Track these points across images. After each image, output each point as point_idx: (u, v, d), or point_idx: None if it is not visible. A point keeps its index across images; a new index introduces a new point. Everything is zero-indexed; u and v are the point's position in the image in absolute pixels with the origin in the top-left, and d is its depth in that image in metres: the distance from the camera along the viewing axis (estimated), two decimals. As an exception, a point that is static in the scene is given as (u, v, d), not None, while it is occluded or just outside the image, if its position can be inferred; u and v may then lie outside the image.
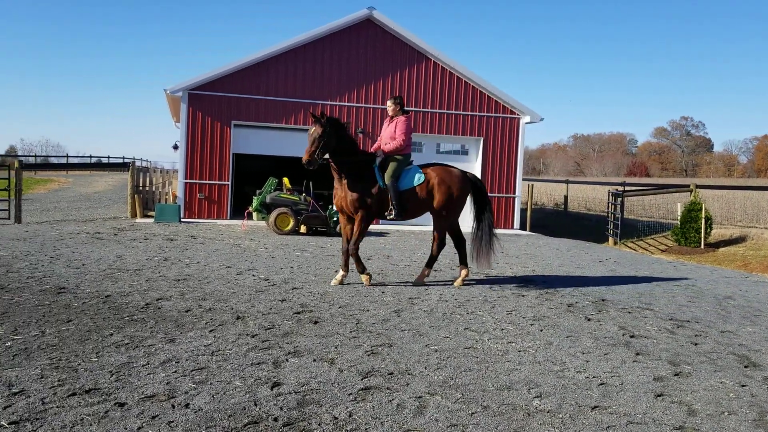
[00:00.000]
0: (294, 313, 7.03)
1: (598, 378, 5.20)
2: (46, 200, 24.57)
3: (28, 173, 35.64)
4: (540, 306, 8.02)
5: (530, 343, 6.18)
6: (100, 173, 45.41)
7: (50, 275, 8.71)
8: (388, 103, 8.99)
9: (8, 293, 7.45)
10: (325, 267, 10.35)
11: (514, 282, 9.85)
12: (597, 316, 7.56)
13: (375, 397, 4.51)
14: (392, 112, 8.94)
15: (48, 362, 4.96)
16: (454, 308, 7.63)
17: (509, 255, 13.48)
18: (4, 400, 4.14)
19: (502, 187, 20.24)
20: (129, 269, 9.47)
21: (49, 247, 11.61)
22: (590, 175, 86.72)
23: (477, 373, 5.19)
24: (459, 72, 19.80)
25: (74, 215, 19.03)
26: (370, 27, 19.32)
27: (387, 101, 9.07)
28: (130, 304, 7.16)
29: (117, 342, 5.61)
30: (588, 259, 13.64)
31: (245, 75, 18.60)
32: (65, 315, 6.51)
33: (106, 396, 4.30)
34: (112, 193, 28.33)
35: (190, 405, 4.21)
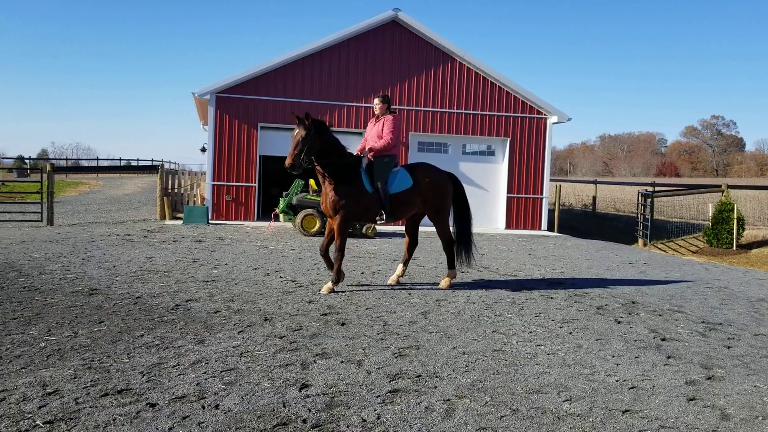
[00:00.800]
0: (321, 314, 7.05)
1: (628, 381, 5.13)
2: (77, 203, 24.99)
3: (60, 176, 36.31)
4: (569, 308, 7.94)
5: (559, 346, 6.12)
6: (130, 176, 46.11)
7: (82, 277, 8.85)
8: (376, 101, 8.64)
9: (42, 295, 7.59)
10: (351, 268, 10.37)
11: (542, 284, 9.77)
12: (627, 319, 7.46)
13: (403, 400, 4.50)
14: (379, 110, 8.63)
15: (81, 363, 5.04)
16: (481, 310, 7.59)
17: (537, 256, 13.37)
18: (39, 400, 4.22)
19: (530, 187, 20.10)
20: (158, 271, 9.59)
21: (80, 248, 11.80)
22: (619, 175, 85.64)
23: (506, 376, 5.15)
24: (485, 72, 19.71)
25: (105, 217, 19.33)
26: (395, 28, 19.33)
27: (374, 99, 8.66)
28: (160, 305, 7.25)
29: (148, 343, 5.68)
30: (617, 260, 13.47)
31: (271, 77, 18.72)
32: (97, 316, 6.61)
33: (138, 396, 4.36)
34: (141, 196, 28.73)
35: (220, 406, 4.25)
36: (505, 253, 13.67)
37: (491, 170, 20.22)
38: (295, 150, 7.93)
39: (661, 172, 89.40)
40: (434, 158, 19.82)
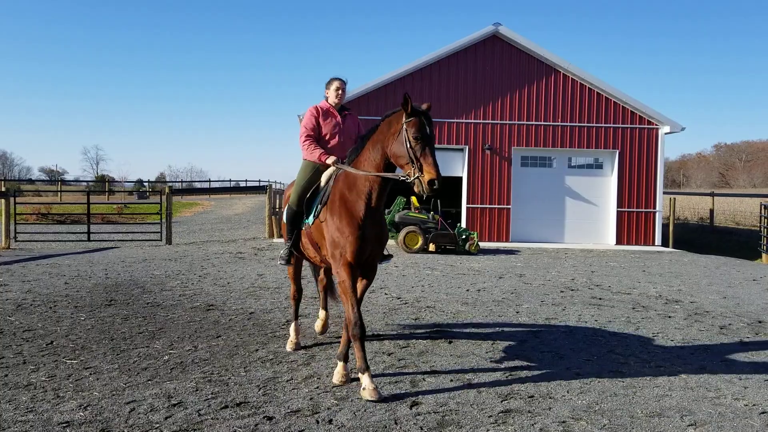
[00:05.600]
0: (428, 332, 7.03)
1: (758, 406, 4.78)
2: (192, 222, 26.34)
3: (176, 198, 38.43)
4: (689, 328, 7.50)
5: (681, 367, 5.79)
6: (239, 196, 48.14)
7: (199, 293, 9.29)
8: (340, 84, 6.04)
9: (163, 310, 8.02)
10: (456, 286, 10.29)
11: (659, 302, 9.29)
12: (754, 339, 6.96)
13: (516, 420, 4.39)
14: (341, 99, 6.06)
15: (201, 376, 5.27)
16: (594, 330, 7.31)
17: (651, 273, 12.76)
18: (165, 411, 4.44)
19: (641, 201, 19.26)
20: (269, 287, 9.91)
21: (197, 266, 12.41)
22: (737, 186, 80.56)
23: (624, 398, 4.92)
24: (590, 82, 19.15)
25: (217, 236, 20.24)
26: (496, 43, 19.18)
27: (334, 82, 6.02)
28: (272, 320, 7.48)
29: (262, 357, 5.86)
30: (740, 277, 12.62)
31: (372, 97, 19.02)
32: (214, 331, 6.91)
33: (255, 409, 4.50)
34: (250, 215, 29.89)
35: (333, 421, 4.31)
36: (617, 270, 13.13)
37: (599, 184, 19.56)
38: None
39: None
40: (538, 172, 19.44)
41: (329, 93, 6.03)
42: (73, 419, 4.27)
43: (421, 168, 4.69)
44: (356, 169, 5.10)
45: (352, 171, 5.11)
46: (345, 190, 5.17)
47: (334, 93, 6.00)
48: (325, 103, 6.02)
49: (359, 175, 5.09)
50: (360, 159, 5.16)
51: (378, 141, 5.05)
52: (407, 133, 4.77)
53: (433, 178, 4.63)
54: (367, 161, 5.09)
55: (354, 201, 5.08)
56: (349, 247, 4.99)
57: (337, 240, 5.05)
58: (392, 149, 4.89)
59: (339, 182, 5.28)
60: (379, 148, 5.02)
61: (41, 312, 7.80)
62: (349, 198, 5.12)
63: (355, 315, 4.93)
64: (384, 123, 5.07)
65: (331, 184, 5.40)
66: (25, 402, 4.60)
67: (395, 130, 4.89)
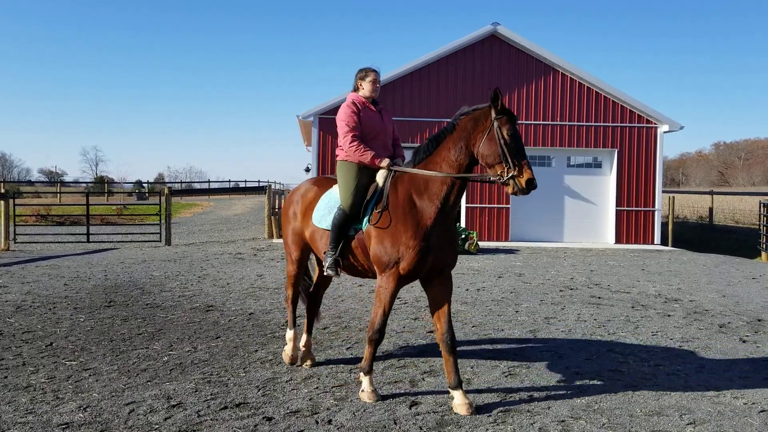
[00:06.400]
0: (427, 332, 7.04)
1: (758, 404, 4.78)
2: (192, 223, 26.34)
3: (175, 198, 38.45)
4: (688, 327, 7.51)
5: (680, 366, 5.79)
6: (239, 197, 48.11)
7: (199, 294, 9.30)
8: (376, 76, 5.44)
9: (163, 311, 8.02)
10: (455, 285, 10.30)
11: (658, 301, 9.30)
12: (753, 338, 6.97)
13: (515, 420, 4.39)
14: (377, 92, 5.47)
15: (201, 377, 5.28)
16: (593, 329, 7.31)
17: (650, 272, 12.76)
18: (164, 412, 4.44)
19: (640, 200, 19.27)
20: (269, 288, 9.91)
21: (196, 267, 12.41)
22: (736, 185, 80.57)
23: (623, 397, 4.92)
24: (588, 82, 19.16)
25: (217, 237, 20.24)
26: (494, 42, 19.19)
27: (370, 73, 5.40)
28: (272, 321, 7.49)
29: (262, 358, 5.87)
30: (739, 275, 12.63)
31: (372, 97, 19.01)
32: (214, 332, 6.91)
33: (255, 410, 4.50)
34: (249, 215, 29.89)
35: (333, 421, 4.31)
36: (616, 269, 13.14)
37: (598, 183, 19.57)
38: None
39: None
40: (537, 172, 19.32)
41: (364, 85, 5.39)
42: (72, 420, 4.27)
43: (518, 168, 4.39)
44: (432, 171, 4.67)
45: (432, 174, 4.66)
46: (413, 193, 4.73)
47: (371, 85, 5.37)
48: (359, 96, 5.38)
49: (435, 178, 4.66)
50: (435, 159, 4.72)
51: (460, 139, 4.64)
52: (500, 131, 4.45)
53: (531, 178, 4.38)
54: (445, 162, 4.66)
55: (425, 206, 4.66)
56: (406, 258, 4.60)
57: (393, 248, 4.63)
58: (481, 148, 4.52)
59: (402, 184, 4.83)
60: (461, 147, 4.62)
61: (41, 313, 7.80)
62: (418, 203, 4.69)
63: (381, 321, 4.71)
64: (466, 120, 4.66)
65: (387, 186, 4.90)
66: (24, 403, 4.61)
67: (484, 127, 4.54)
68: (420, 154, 4.85)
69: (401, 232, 4.64)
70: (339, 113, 5.28)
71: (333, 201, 5.24)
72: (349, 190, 5.05)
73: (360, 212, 4.99)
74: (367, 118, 5.26)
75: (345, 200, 5.04)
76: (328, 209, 5.22)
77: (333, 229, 5.06)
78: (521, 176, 4.39)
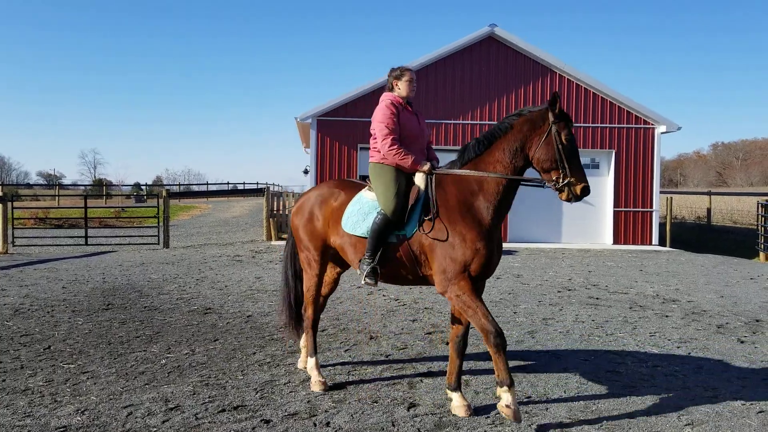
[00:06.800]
0: (426, 333, 7.04)
1: (756, 405, 4.79)
2: (190, 225, 26.31)
3: (173, 201, 38.41)
4: (686, 327, 7.52)
5: (678, 367, 5.80)
6: (237, 199, 48.05)
7: (197, 296, 9.29)
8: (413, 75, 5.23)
9: (161, 314, 8.02)
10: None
11: (655, 302, 9.31)
12: (751, 338, 6.98)
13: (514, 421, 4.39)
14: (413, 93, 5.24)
15: (199, 379, 5.28)
16: (591, 330, 7.32)
17: (648, 272, 12.78)
18: (162, 415, 4.44)
19: (638, 201, 19.28)
20: (267, 290, 9.91)
21: (194, 269, 12.40)
22: (734, 185, 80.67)
23: (621, 397, 4.93)
24: (586, 83, 19.18)
25: (215, 239, 20.23)
26: (492, 44, 19.21)
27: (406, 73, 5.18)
28: (270, 323, 7.49)
29: (260, 360, 5.87)
30: (737, 276, 12.65)
31: (369, 99, 19.01)
32: (212, 334, 6.91)
33: (253, 413, 4.50)
34: (248, 218, 29.87)
35: (331, 423, 4.31)
36: (614, 270, 13.15)
37: (596, 184, 19.56)
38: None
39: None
40: (534, 173, 19.43)
41: (400, 85, 5.12)
42: (70, 424, 4.27)
43: (573, 174, 4.32)
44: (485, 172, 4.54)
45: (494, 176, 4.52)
46: (466, 194, 4.58)
47: (408, 85, 5.10)
48: (396, 96, 5.11)
49: (489, 179, 4.54)
50: (487, 160, 4.58)
51: (516, 141, 4.50)
52: (558, 136, 4.35)
53: (587, 186, 4.33)
54: (500, 163, 4.53)
55: (482, 207, 4.52)
56: (477, 260, 4.40)
57: (461, 251, 4.40)
58: (538, 152, 4.42)
59: (450, 186, 4.65)
60: (516, 149, 4.49)
61: (39, 316, 7.79)
62: (474, 205, 4.54)
63: (491, 323, 4.26)
64: (522, 122, 4.51)
65: (433, 189, 4.68)
66: (22, 407, 4.60)
67: (542, 131, 4.42)
68: (468, 153, 4.67)
69: (466, 234, 4.43)
70: (376, 114, 5.03)
71: (367, 206, 4.90)
72: (390, 194, 4.73)
73: (403, 218, 4.70)
74: (406, 120, 5.01)
75: (387, 205, 4.70)
76: (362, 215, 4.88)
77: (372, 236, 4.70)
78: (578, 184, 4.33)
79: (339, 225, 5.05)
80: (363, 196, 5.01)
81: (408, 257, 4.69)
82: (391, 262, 4.76)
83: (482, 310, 4.31)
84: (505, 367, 4.25)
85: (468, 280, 4.41)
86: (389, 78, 5.21)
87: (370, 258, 4.73)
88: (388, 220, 4.68)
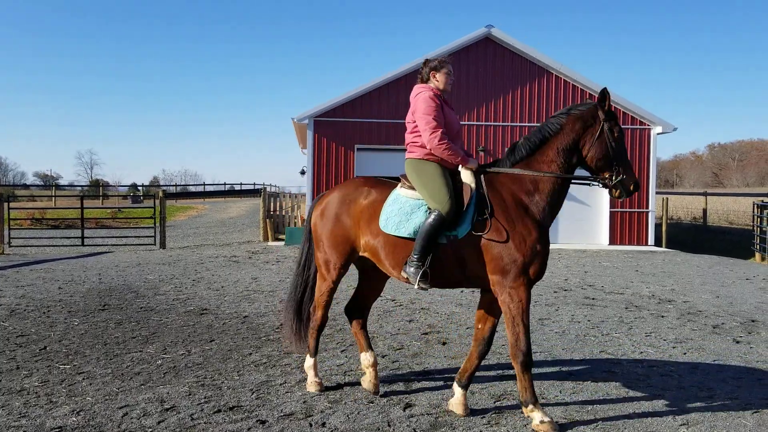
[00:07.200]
0: (422, 333, 7.05)
1: (752, 405, 4.80)
2: (186, 226, 26.30)
3: (170, 202, 38.37)
4: (682, 327, 7.53)
5: (673, 367, 5.82)
6: (234, 199, 48.00)
7: (193, 297, 9.28)
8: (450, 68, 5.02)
9: (157, 314, 8.01)
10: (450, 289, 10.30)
11: (651, 302, 9.33)
12: (747, 339, 7.00)
13: (509, 421, 4.40)
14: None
15: (194, 380, 5.27)
16: (587, 330, 7.33)
17: (644, 273, 12.80)
18: (158, 416, 4.44)
19: (634, 201, 19.33)
20: (264, 291, 9.91)
21: (191, 270, 12.39)
22: (730, 186, 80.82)
23: (617, 398, 4.94)
24: (582, 84, 19.23)
25: (212, 240, 20.22)
26: (488, 44, 19.24)
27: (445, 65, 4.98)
28: (266, 324, 7.48)
29: (256, 361, 5.87)
30: (733, 276, 12.68)
31: (366, 100, 19.06)
32: (208, 335, 6.91)
33: (249, 413, 4.50)
34: (245, 218, 29.87)
35: (327, 424, 4.31)
36: (610, 270, 13.17)
37: (592, 184, 19.61)
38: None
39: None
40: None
41: (438, 77, 4.90)
42: (65, 424, 4.27)
43: (625, 171, 4.34)
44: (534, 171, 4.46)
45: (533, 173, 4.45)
46: (523, 195, 4.46)
47: (446, 78, 4.90)
48: (435, 89, 4.87)
49: (544, 179, 4.44)
50: (541, 159, 4.48)
51: (569, 140, 4.43)
52: (610, 134, 4.34)
53: (637, 182, 4.38)
54: (554, 162, 4.44)
55: (538, 207, 4.43)
56: (536, 262, 4.32)
57: (520, 253, 4.28)
58: (591, 151, 4.39)
59: (503, 185, 4.52)
60: (570, 148, 4.44)
61: (35, 317, 7.78)
62: (531, 205, 4.43)
63: (527, 341, 4.25)
64: (573, 120, 4.45)
65: (484, 188, 4.50)
66: (18, 407, 4.60)
67: (594, 129, 4.38)
68: (519, 152, 4.55)
69: (525, 235, 4.31)
70: (419, 105, 4.73)
71: (409, 205, 4.61)
72: (444, 193, 4.46)
73: (458, 218, 4.46)
74: (449, 114, 4.77)
75: (442, 203, 4.42)
76: (404, 215, 4.58)
77: (424, 237, 4.40)
78: (630, 181, 4.36)
79: (372, 225, 4.74)
80: (400, 194, 4.72)
81: (455, 259, 4.48)
82: (437, 264, 4.50)
83: (526, 327, 4.26)
84: (530, 386, 4.27)
85: (528, 288, 4.31)
86: (425, 69, 4.98)
87: (420, 261, 4.43)
88: (443, 220, 4.41)
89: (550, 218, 4.49)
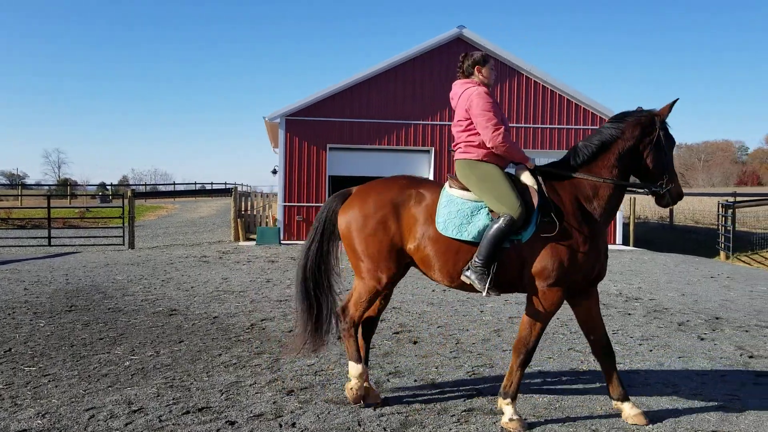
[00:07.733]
0: (393, 333, 7.06)
1: (715, 401, 4.91)
2: (156, 226, 25.98)
3: (139, 201, 37.86)
4: (648, 325, 7.67)
5: (639, 365, 5.92)
6: (205, 199, 47.52)
7: (162, 298, 9.18)
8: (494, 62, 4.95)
9: (125, 315, 7.91)
10: (422, 286, 10.35)
11: (618, 300, 9.48)
12: (711, 336, 7.15)
13: (479, 420, 4.44)
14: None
15: (163, 381, 5.22)
16: (556, 328, 7.42)
17: (612, 271, 12.99)
18: (125, 417, 4.39)
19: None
20: (234, 291, 9.84)
21: (160, 270, 12.25)
22: (696, 186, 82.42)
23: (584, 395, 5.01)
24: (552, 85, 19.44)
25: (182, 240, 20.01)
26: (460, 45, 19.33)
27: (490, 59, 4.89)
28: (236, 324, 7.43)
29: (225, 362, 5.83)
30: (698, 274, 12.94)
31: (338, 99, 19.04)
32: (177, 336, 6.84)
33: (218, 414, 4.47)
34: (215, 218, 29.60)
35: (297, 424, 4.30)
36: (579, 269, 13.33)
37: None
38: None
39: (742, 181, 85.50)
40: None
41: (484, 72, 4.72)
42: (30, 427, 4.19)
43: (673, 179, 4.40)
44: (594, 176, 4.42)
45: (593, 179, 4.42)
46: (580, 199, 4.41)
47: (491, 73, 4.75)
48: (484, 84, 4.71)
49: (603, 185, 4.41)
50: (600, 164, 4.43)
51: (626, 146, 4.40)
52: (666, 141, 4.40)
53: (682, 192, 4.45)
54: (616, 168, 4.43)
55: (596, 213, 4.40)
56: (583, 268, 4.32)
57: (570, 259, 4.24)
58: (649, 157, 4.39)
59: (563, 189, 4.44)
60: (629, 153, 4.42)
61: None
62: (588, 209, 4.40)
63: (536, 343, 4.36)
64: (632, 127, 4.42)
65: (545, 190, 4.39)
66: (-20, 411, 4.50)
67: (653, 137, 4.38)
68: (580, 156, 4.48)
69: (579, 241, 4.27)
70: (476, 101, 4.49)
71: (467, 207, 4.41)
72: (512, 196, 4.27)
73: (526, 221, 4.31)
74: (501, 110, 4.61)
75: (513, 208, 4.21)
76: (464, 217, 4.38)
77: (492, 241, 4.21)
78: (676, 189, 4.43)
79: (426, 228, 4.46)
80: (453, 195, 4.50)
81: (518, 263, 4.34)
82: (500, 269, 4.34)
83: (543, 329, 4.37)
84: (518, 383, 4.34)
85: (563, 294, 4.36)
86: (466, 63, 4.81)
87: (485, 266, 4.25)
88: (514, 225, 4.22)
89: (606, 223, 4.50)
